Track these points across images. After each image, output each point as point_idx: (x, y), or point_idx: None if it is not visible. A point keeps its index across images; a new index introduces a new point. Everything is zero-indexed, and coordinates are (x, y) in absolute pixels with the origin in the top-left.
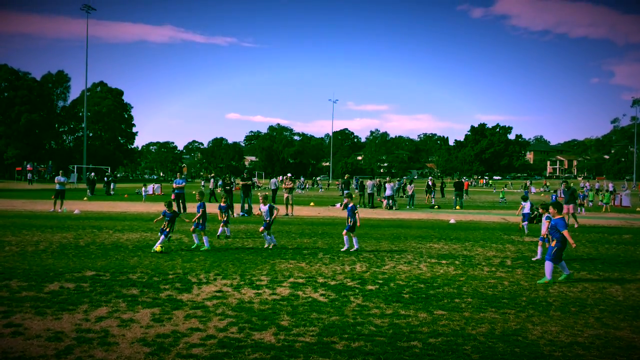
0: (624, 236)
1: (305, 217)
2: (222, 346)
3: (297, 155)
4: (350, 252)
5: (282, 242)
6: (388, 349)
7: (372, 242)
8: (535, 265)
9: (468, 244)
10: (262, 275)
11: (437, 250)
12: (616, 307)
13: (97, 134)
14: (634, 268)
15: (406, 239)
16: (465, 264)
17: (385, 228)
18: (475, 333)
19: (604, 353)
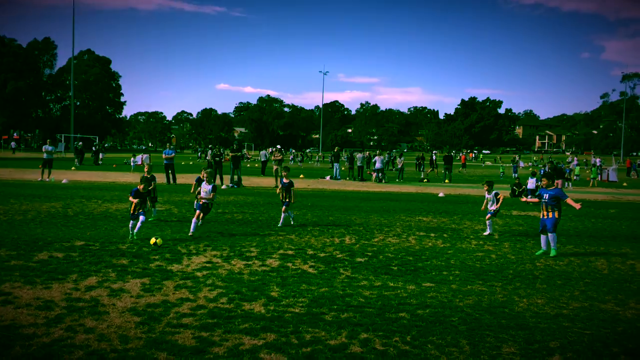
0: (610, 211)
1: (295, 189)
2: (212, 316)
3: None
4: (290, 226)
5: (272, 214)
6: (376, 320)
7: (362, 214)
8: (523, 238)
9: (456, 218)
10: (252, 246)
11: (425, 224)
12: (601, 281)
13: (85, 102)
14: (620, 242)
15: (395, 212)
16: (453, 237)
17: (374, 201)
18: (462, 305)
19: (588, 325)
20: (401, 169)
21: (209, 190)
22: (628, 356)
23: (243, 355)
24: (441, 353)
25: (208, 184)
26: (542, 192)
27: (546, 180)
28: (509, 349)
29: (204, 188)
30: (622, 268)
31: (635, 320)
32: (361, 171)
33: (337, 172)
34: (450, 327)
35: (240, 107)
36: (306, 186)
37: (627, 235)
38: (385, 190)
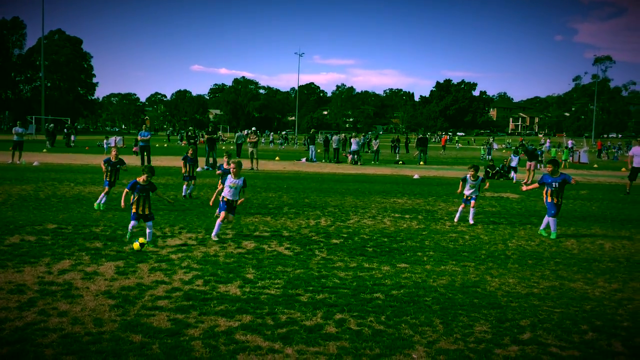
0: (581, 192)
1: (271, 171)
2: (187, 298)
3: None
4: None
5: (247, 196)
6: (351, 300)
7: (337, 196)
8: (496, 219)
9: (431, 199)
10: (227, 229)
11: (400, 205)
12: (571, 260)
13: (56, 84)
14: (589, 222)
15: (370, 193)
16: (427, 218)
17: (350, 183)
18: (436, 285)
19: (558, 303)
20: (377, 151)
21: (238, 184)
22: (595, 333)
23: (219, 336)
24: (415, 332)
25: (235, 177)
26: (550, 180)
27: (552, 166)
28: (481, 328)
29: (231, 183)
30: (591, 248)
31: (603, 298)
32: (337, 153)
33: (312, 154)
34: (424, 306)
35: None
36: (282, 168)
37: (596, 215)
38: (361, 172)
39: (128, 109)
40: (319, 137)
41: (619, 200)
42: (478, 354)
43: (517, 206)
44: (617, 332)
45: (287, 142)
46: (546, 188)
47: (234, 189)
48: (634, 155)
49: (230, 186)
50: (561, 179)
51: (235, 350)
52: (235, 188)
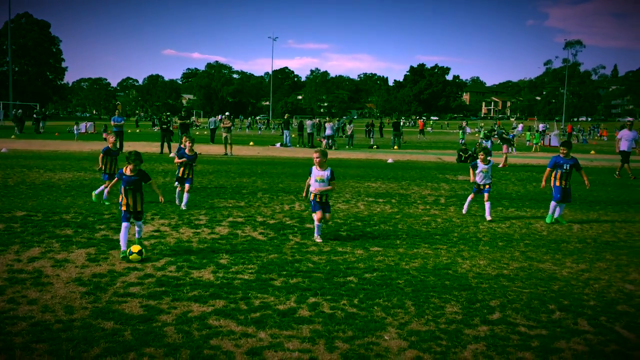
0: None
1: (245, 156)
2: (160, 284)
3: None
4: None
5: (221, 182)
6: (325, 284)
7: None
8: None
9: (404, 183)
10: (201, 214)
11: (374, 189)
12: (540, 242)
13: (24, 68)
14: None
15: (345, 178)
16: (401, 202)
17: None
18: (408, 268)
19: (527, 284)
20: (351, 135)
21: (326, 177)
22: (563, 312)
23: (192, 322)
24: (387, 314)
25: (322, 169)
26: (562, 162)
27: (565, 149)
28: (452, 309)
29: (318, 175)
30: (559, 229)
31: (571, 278)
32: (311, 138)
33: (287, 139)
34: (397, 289)
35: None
36: (256, 154)
37: None
38: (335, 156)
39: (99, 94)
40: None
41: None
42: (449, 334)
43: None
44: (584, 311)
45: (267, 127)
46: (556, 171)
47: (321, 182)
48: (622, 139)
49: (317, 180)
50: (573, 162)
51: (208, 335)
52: (323, 181)
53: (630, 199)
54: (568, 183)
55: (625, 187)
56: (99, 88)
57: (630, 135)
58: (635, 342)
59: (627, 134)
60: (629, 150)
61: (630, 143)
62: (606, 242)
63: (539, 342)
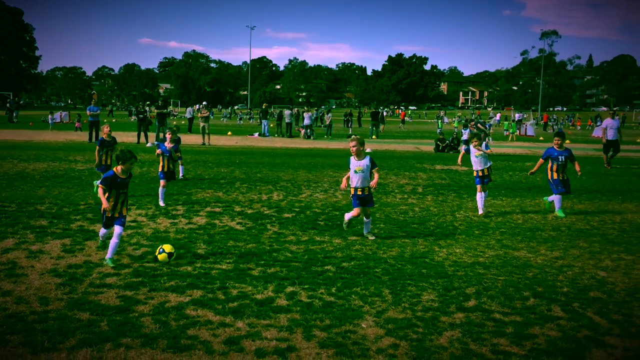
0: (527, 164)
1: (223, 146)
2: (136, 275)
3: (214, 84)
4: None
5: (199, 172)
6: (303, 273)
7: (290, 171)
8: (445, 192)
9: (382, 172)
10: (178, 204)
11: None
12: (515, 230)
13: None
14: (534, 193)
15: (323, 167)
16: (378, 191)
17: (302, 157)
18: (385, 256)
19: (502, 271)
20: (329, 125)
21: (365, 166)
22: (537, 299)
23: (169, 312)
24: (364, 303)
25: (359, 158)
26: (556, 154)
27: (559, 139)
28: (428, 296)
29: (356, 166)
30: (535, 218)
31: (545, 265)
32: (290, 128)
33: (265, 129)
34: (374, 277)
35: (165, 63)
36: (234, 143)
37: (540, 186)
38: (314, 146)
39: (74, 83)
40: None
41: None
42: (425, 321)
43: (466, 178)
44: (557, 298)
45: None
46: (551, 163)
47: (360, 173)
48: (607, 128)
49: (355, 171)
50: (567, 153)
51: (185, 325)
52: (363, 172)
53: (603, 188)
54: (565, 175)
55: (598, 175)
56: (74, 77)
57: (614, 124)
58: (607, 327)
59: (612, 122)
60: (615, 139)
61: (615, 132)
62: (580, 230)
63: (513, 328)
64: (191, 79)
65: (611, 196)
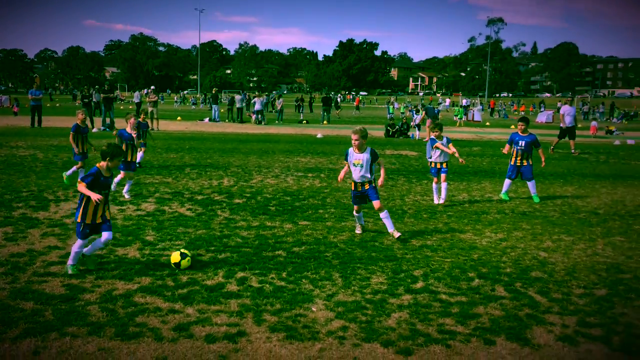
0: (474, 148)
1: (172, 131)
2: (82, 263)
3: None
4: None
5: (147, 158)
6: (253, 258)
7: (241, 156)
8: (395, 176)
9: (333, 158)
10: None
11: (304, 164)
12: (462, 213)
13: None
14: (480, 177)
15: (274, 153)
16: (330, 176)
17: (253, 143)
18: (336, 241)
19: (449, 254)
20: (281, 110)
21: (365, 160)
22: (482, 279)
23: (116, 300)
24: (315, 287)
25: (360, 152)
26: (518, 139)
27: (523, 124)
28: (377, 279)
29: (355, 159)
30: (480, 200)
31: (490, 247)
32: (240, 113)
33: (216, 114)
34: (325, 261)
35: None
36: (184, 129)
37: (487, 170)
38: (265, 132)
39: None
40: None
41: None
42: (374, 304)
43: (415, 163)
44: (501, 278)
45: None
46: (513, 148)
47: (359, 167)
48: (565, 114)
49: (354, 164)
50: (530, 139)
51: (134, 312)
52: (362, 166)
53: (546, 172)
54: (525, 161)
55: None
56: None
57: (571, 110)
58: (547, 305)
59: (569, 109)
60: (572, 125)
61: (572, 118)
62: (523, 213)
63: (458, 308)
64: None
65: (553, 180)
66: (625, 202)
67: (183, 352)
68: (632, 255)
